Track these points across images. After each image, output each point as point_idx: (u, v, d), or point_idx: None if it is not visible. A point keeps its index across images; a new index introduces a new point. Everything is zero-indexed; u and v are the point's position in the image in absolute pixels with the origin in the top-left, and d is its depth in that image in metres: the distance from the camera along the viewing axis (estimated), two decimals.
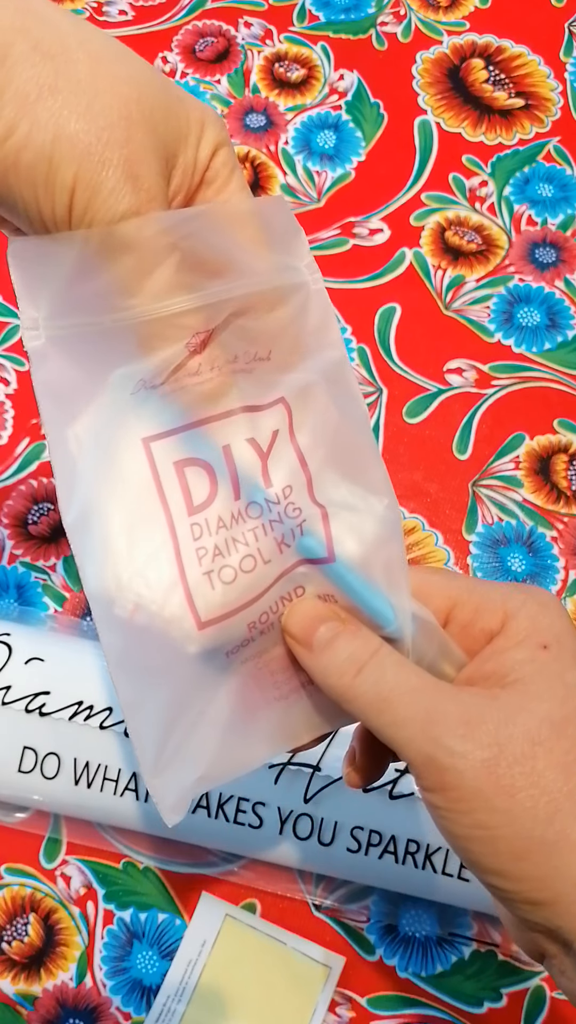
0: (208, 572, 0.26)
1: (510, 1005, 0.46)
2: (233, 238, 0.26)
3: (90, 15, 0.67)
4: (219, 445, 0.26)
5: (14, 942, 0.47)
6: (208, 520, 0.26)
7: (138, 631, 0.26)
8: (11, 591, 0.53)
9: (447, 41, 0.66)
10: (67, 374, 0.25)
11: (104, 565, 0.26)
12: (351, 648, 0.25)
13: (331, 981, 0.46)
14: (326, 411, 0.28)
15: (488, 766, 0.23)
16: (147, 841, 0.48)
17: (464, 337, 0.58)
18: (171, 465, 0.26)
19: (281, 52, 0.66)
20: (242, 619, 0.27)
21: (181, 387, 0.26)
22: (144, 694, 0.26)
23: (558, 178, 0.62)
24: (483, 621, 0.27)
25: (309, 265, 0.28)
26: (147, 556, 0.26)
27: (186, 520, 0.26)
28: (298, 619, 0.27)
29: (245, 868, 0.48)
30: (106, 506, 0.26)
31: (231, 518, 0.26)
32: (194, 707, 0.27)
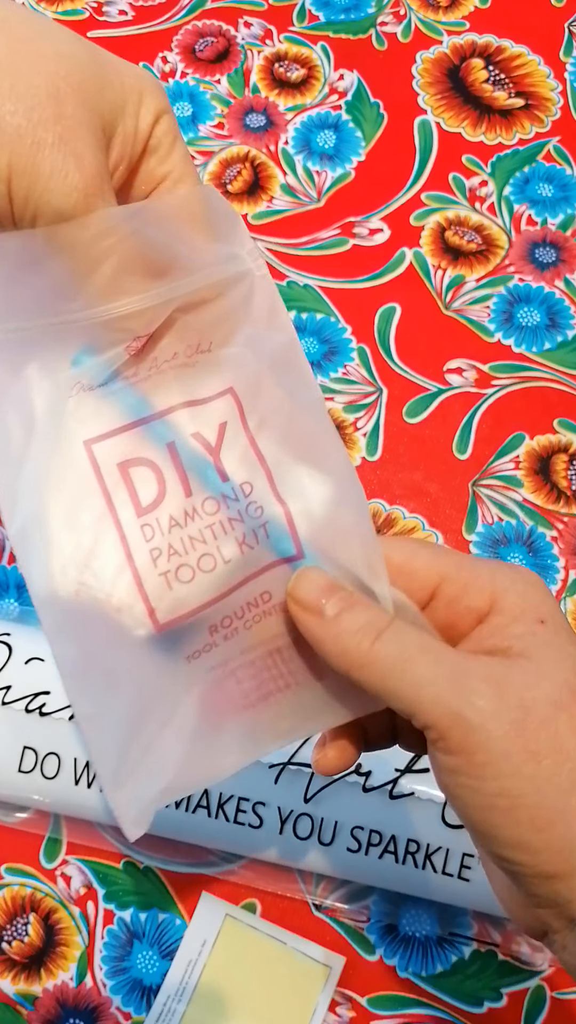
0: (164, 573, 0.25)
1: (510, 1005, 0.46)
2: (175, 233, 0.25)
3: (90, 15, 0.67)
4: (163, 442, 0.25)
5: (14, 942, 0.47)
6: (159, 520, 0.25)
7: (93, 638, 0.25)
8: (11, 591, 0.53)
9: (447, 41, 0.66)
10: (4, 380, 0.25)
11: (51, 569, 0.25)
12: (368, 616, 0.25)
13: (331, 981, 0.46)
14: (278, 397, 0.27)
15: (517, 727, 0.22)
16: (147, 841, 0.48)
17: (464, 337, 0.58)
18: (115, 467, 0.25)
19: (281, 52, 0.66)
20: (203, 620, 0.26)
21: (119, 388, 0.25)
22: (102, 704, 0.25)
23: (558, 178, 0.62)
24: (470, 599, 0.26)
25: (251, 251, 0.27)
26: (97, 559, 0.25)
27: (135, 522, 0.25)
28: (308, 587, 0.26)
29: (245, 868, 0.48)
30: (51, 512, 0.25)
31: (184, 516, 0.25)
32: (156, 716, 0.26)
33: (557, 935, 0.24)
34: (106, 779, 0.25)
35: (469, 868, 0.44)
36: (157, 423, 0.26)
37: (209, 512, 0.26)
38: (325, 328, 0.58)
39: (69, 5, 0.68)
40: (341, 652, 0.25)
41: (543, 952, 0.46)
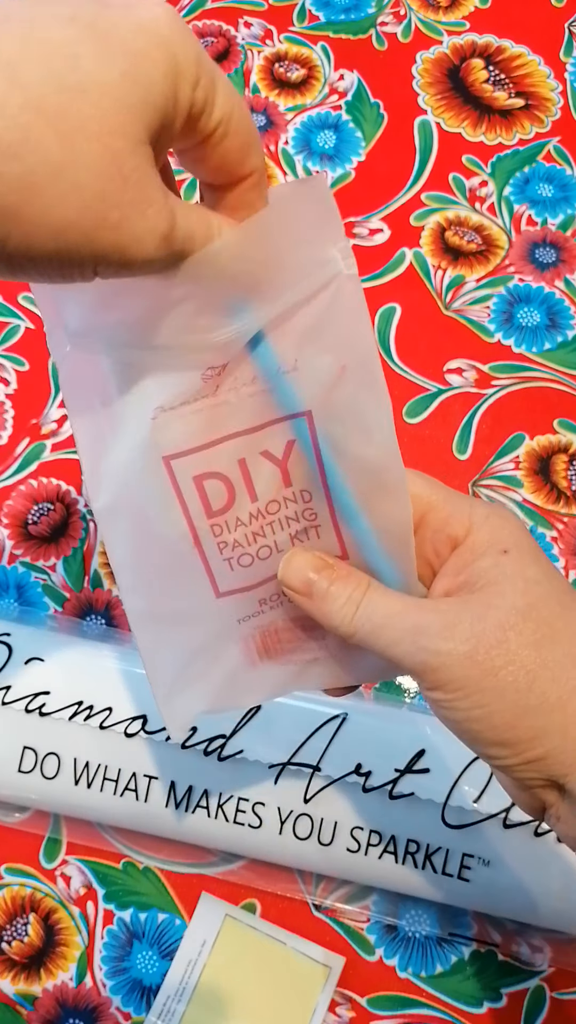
0: (228, 559, 0.30)
1: (510, 1005, 0.46)
2: (253, 258, 0.26)
3: None
4: (235, 459, 0.29)
5: (14, 942, 0.47)
6: (227, 521, 0.30)
7: (160, 595, 0.31)
8: (11, 591, 0.53)
9: (447, 41, 0.66)
10: (89, 377, 0.28)
11: (129, 547, 0.30)
12: (347, 591, 0.29)
13: (331, 981, 0.46)
14: (349, 420, 0.29)
15: (470, 656, 0.27)
16: (147, 841, 0.48)
17: (464, 337, 0.58)
18: (191, 479, 0.29)
19: (281, 52, 0.66)
20: (254, 595, 0.31)
21: (198, 409, 0.28)
22: (159, 642, 0.32)
23: (558, 178, 0.62)
24: (450, 528, 0.30)
25: (344, 249, 0.27)
26: (170, 548, 0.30)
27: (206, 522, 0.30)
28: (294, 573, 0.30)
29: (245, 868, 0.48)
30: (129, 507, 0.29)
31: (249, 517, 0.30)
32: (205, 656, 0.32)
33: (552, 808, 0.29)
34: (159, 696, 0.33)
35: (469, 868, 0.44)
36: (230, 443, 0.29)
37: (271, 512, 0.30)
38: None
39: None
40: (331, 626, 0.30)
41: (543, 952, 0.46)
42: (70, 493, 0.55)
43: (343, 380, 0.28)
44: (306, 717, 0.45)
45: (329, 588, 0.29)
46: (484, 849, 0.43)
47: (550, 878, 0.43)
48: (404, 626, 0.28)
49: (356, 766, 0.44)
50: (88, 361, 0.28)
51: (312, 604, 0.30)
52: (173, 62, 0.22)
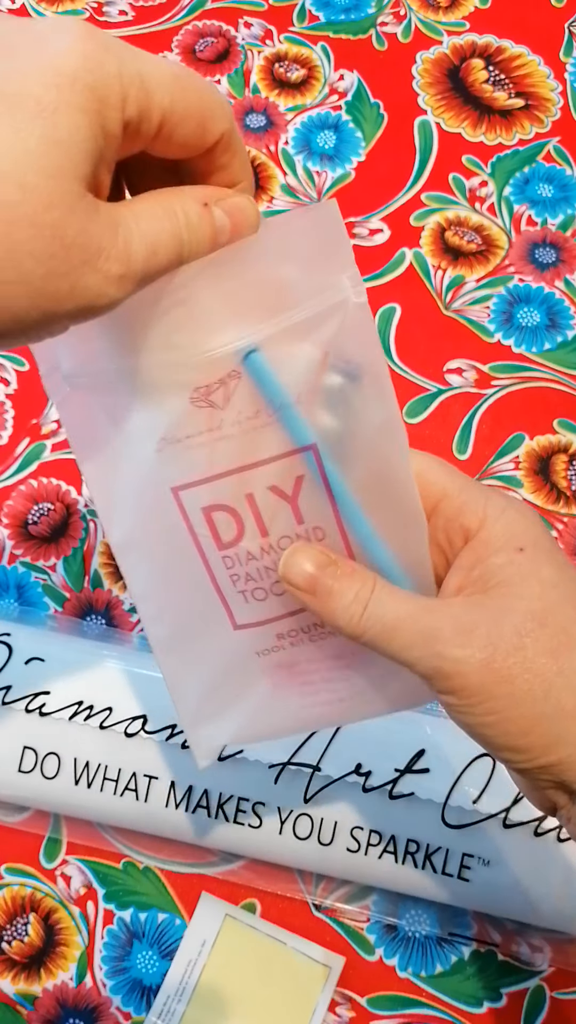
0: (242, 591, 0.30)
1: (510, 1005, 0.46)
2: (265, 269, 0.25)
3: (90, 15, 0.67)
4: (242, 493, 0.28)
5: (14, 942, 0.48)
6: (238, 554, 0.29)
7: (182, 626, 0.31)
8: (11, 591, 0.53)
9: (447, 41, 0.66)
10: (91, 416, 0.28)
11: (146, 578, 0.31)
12: (353, 589, 0.28)
13: (331, 981, 0.46)
14: (359, 448, 0.28)
15: (486, 664, 0.26)
16: (147, 841, 0.48)
17: (464, 337, 0.58)
18: (199, 510, 0.29)
19: (281, 52, 0.66)
20: (271, 629, 0.31)
21: (202, 443, 0.27)
22: (183, 672, 0.32)
23: (558, 178, 0.62)
24: (464, 518, 0.29)
25: (353, 276, 0.26)
26: (184, 577, 0.30)
27: (217, 553, 0.29)
28: (296, 569, 0.29)
29: (245, 868, 0.48)
30: (143, 539, 0.30)
31: (260, 551, 0.29)
32: (228, 689, 0.32)
33: (563, 809, 0.29)
34: (185, 723, 0.33)
35: (469, 868, 0.44)
36: (235, 477, 0.28)
37: (283, 548, 0.29)
38: None
39: (69, 5, 0.68)
40: (336, 626, 0.29)
41: (543, 952, 0.46)
42: (70, 493, 0.55)
43: (353, 414, 0.28)
44: None
45: (334, 585, 0.28)
46: (484, 849, 0.43)
47: (550, 878, 0.43)
48: (417, 629, 0.27)
49: (356, 766, 0.44)
50: (87, 400, 0.28)
51: (316, 602, 0.29)
52: (93, 96, 0.21)
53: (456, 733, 0.46)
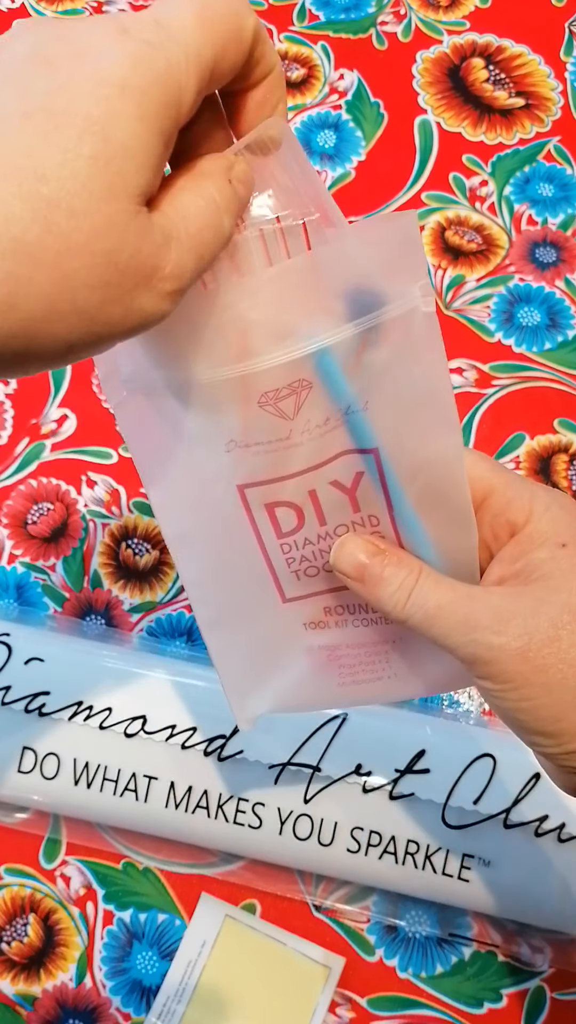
0: (295, 571, 0.32)
1: (510, 1006, 0.46)
2: (338, 277, 0.25)
3: (89, 15, 0.67)
4: (305, 490, 0.30)
5: (14, 943, 0.47)
6: (296, 541, 0.31)
7: (228, 605, 0.33)
8: (11, 591, 0.53)
9: (447, 41, 0.66)
10: (149, 419, 0.29)
11: (200, 566, 0.32)
12: (399, 577, 0.29)
13: (331, 982, 0.46)
14: (417, 454, 0.29)
15: (522, 652, 0.27)
16: (147, 841, 0.48)
17: (464, 337, 0.58)
18: (262, 507, 0.30)
19: (281, 51, 0.66)
20: (320, 601, 0.33)
21: (273, 449, 0.28)
22: (228, 647, 0.34)
23: (558, 178, 0.62)
24: (511, 513, 0.30)
25: (424, 287, 0.26)
26: (241, 561, 0.31)
27: (276, 541, 0.31)
28: (347, 557, 0.30)
29: (245, 868, 0.48)
30: (200, 530, 0.31)
31: (317, 538, 0.31)
32: (271, 661, 0.34)
33: None
34: (229, 694, 0.35)
35: (469, 869, 0.44)
36: (301, 478, 0.29)
37: (339, 534, 0.31)
38: None
39: (69, 5, 0.68)
40: (384, 611, 0.30)
41: (543, 953, 0.46)
42: (70, 493, 0.55)
43: (416, 419, 0.28)
44: (306, 717, 0.45)
45: (382, 573, 0.30)
46: (484, 850, 0.43)
47: (550, 879, 0.43)
48: (456, 617, 0.28)
49: (356, 766, 0.44)
50: (146, 404, 0.28)
51: (364, 589, 0.30)
52: (147, 100, 0.20)
53: (456, 734, 0.46)
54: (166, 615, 0.52)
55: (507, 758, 0.44)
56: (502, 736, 0.46)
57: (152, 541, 0.54)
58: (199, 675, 0.47)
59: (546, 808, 0.43)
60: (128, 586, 0.53)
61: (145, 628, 0.52)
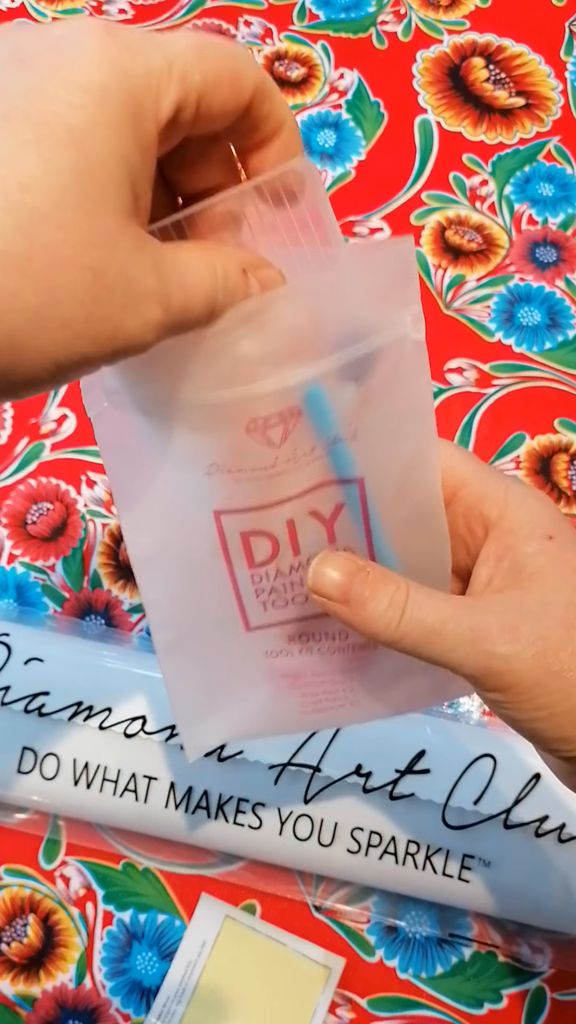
0: (263, 601, 0.30)
1: (510, 1006, 0.46)
2: (330, 304, 0.25)
3: (90, 13, 0.67)
4: (284, 519, 0.29)
5: (13, 943, 0.47)
6: (268, 572, 0.30)
7: (189, 630, 0.32)
8: (10, 591, 0.53)
9: (447, 40, 0.66)
10: (127, 433, 0.27)
11: (163, 588, 0.31)
12: (388, 594, 0.27)
13: (331, 982, 0.46)
14: (398, 486, 0.29)
15: (538, 659, 0.26)
16: (147, 842, 0.48)
17: (464, 336, 0.58)
18: (238, 534, 0.29)
19: (281, 51, 0.66)
20: (283, 631, 0.31)
21: (255, 478, 0.27)
22: (184, 674, 0.33)
23: (559, 177, 0.62)
24: (484, 507, 0.29)
25: (415, 314, 0.26)
26: (207, 588, 0.30)
27: (246, 571, 0.30)
28: (328, 579, 0.28)
29: (245, 869, 0.48)
30: (168, 551, 0.30)
31: (290, 569, 0.30)
32: (228, 690, 0.33)
33: None
34: (180, 721, 0.34)
35: (469, 869, 0.43)
36: (280, 507, 0.28)
37: (306, 569, 0.29)
38: None
39: (69, 4, 0.68)
40: (372, 634, 0.27)
41: (543, 954, 0.46)
42: (69, 493, 0.55)
43: (399, 450, 0.28)
44: None
45: (367, 591, 0.27)
46: (484, 850, 0.43)
47: (550, 879, 0.43)
48: (462, 630, 0.27)
49: (356, 767, 0.44)
50: (126, 417, 0.27)
51: (349, 611, 0.28)
52: (124, 110, 0.20)
53: (457, 734, 0.46)
54: None
55: (507, 758, 0.44)
56: (502, 736, 0.46)
57: None
58: None
59: (546, 808, 0.43)
60: (128, 586, 0.53)
61: (145, 628, 0.52)
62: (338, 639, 0.32)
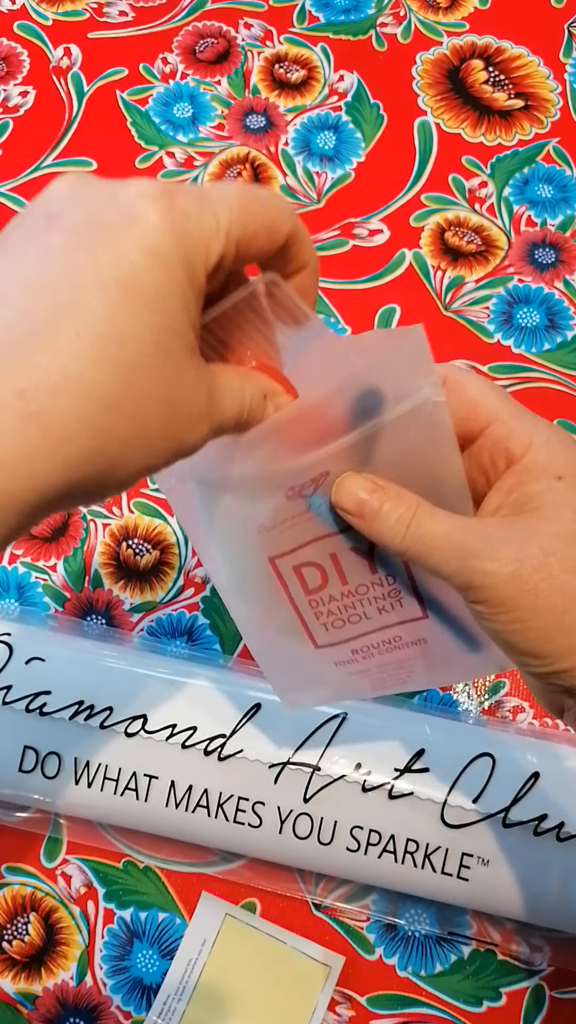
0: (324, 623, 0.36)
1: (509, 1004, 0.46)
2: (355, 387, 0.29)
3: (91, 16, 0.67)
4: (327, 553, 0.33)
5: (15, 941, 0.48)
6: (322, 598, 0.35)
7: (270, 644, 0.39)
8: (11, 591, 0.53)
9: (447, 42, 0.66)
10: (192, 502, 0.34)
11: (245, 610, 0.38)
12: (397, 511, 0.31)
13: (331, 980, 0.46)
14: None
15: (513, 578, 0.29)
16: (147, 840, 0.48)
17: (464, 338, 0.58)
18: (291, 569, 0.34)
19: (281, 53, 0.66)
20: (347, 647, 0.37)
21: (295, 524, 0.33)
22: (273, 668, 0.40)
23: (557, 179, 0.62)
24: (511, 442, 0.31)
25: (434, 383, 0.29)
26: (277, 615, 0.36)
27: (304, 597, 0.35)
28: (347, 495, 0.31)
29: (245, 867, 0.48)
30: (242, 586, 0.36)
31: (341, 595, 0.35)
32: (312, 680, 0.40)
33: (569, 711, 0.32)
34: (276, 691, 0.41)
35: (468, 868, 0.44)
36: (321, 543, 0.33)
37: (360, 592, 0.34)
38: None
39: (70, 6, 0.68)
40: (383, 544, 0.31)
41: (542, 952, 0.46)
42: None
43: (426, 486, 0.31)
44: (306, 717, 0.45)
45: (381, 508, 0.31)
46: (483, 848, 0.44)
47: (549, 877, 0.43)
48: (452, 546, 0.30)
49: (356, 765, 0.44)
50: (191, 491, 0.33)
51: (364, 524, 0.31)
52: (185, 267, 0.24)
53: (456, 733, 0.46)
54: (166, 615, 0.52)
55: (506, 757, 0.44)
56: (501, 735, 0.46)
57: (152, 541, 0.54)
58: (199, 675, 0.47)
59: (545, 807, 0.43)
60: (129, 586, 0.53)
61: (145, 628, 0.52)
62: (393, 643, 0.36)
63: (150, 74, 0.66)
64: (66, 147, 0.63)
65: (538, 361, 0.58)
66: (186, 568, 0.53)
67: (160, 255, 0.24)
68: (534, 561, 0.29)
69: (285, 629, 0.37)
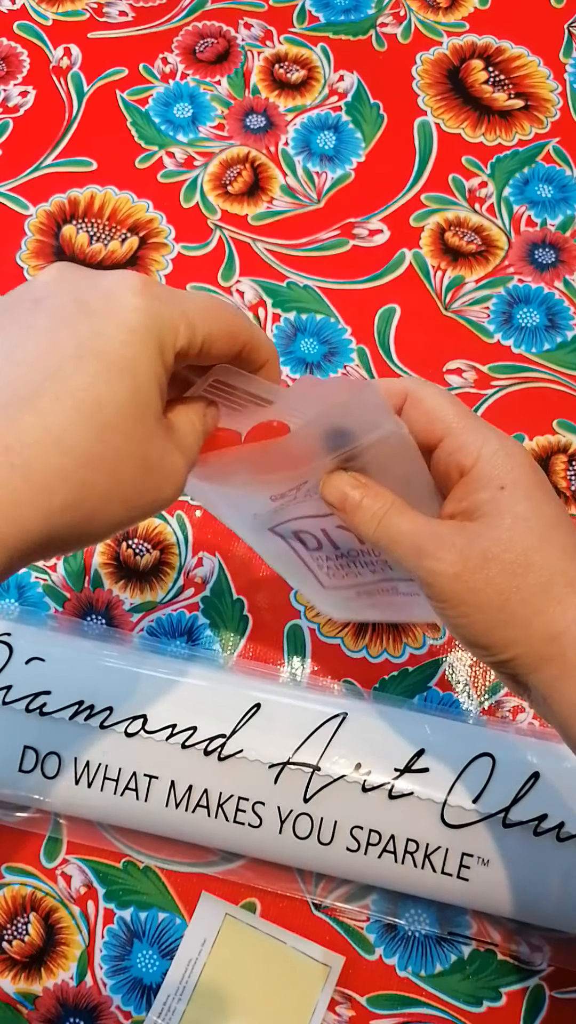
0: (327, 573, 0.43)
1: (509, 1004, 0.46)
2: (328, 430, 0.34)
3: (91, 16, 0.67)
4: (318, 528, 0.39)
5: (14, 941, 0.48)
6: (321, 556, 0.42)
7: (298, 575, 0.45)
8: (11, 591, 0.53)
9: (447, 42, 0.66)
10: (210, 494, 0.41)
11: (269, 559, 0.47)
12: (373, 507, 0.35)
13: (331, 980, 0.46)
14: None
15: (456, 576, 0.33)
16: (147, 840, 0.48)
17: (464, 338, 0.58)
18: (292, 534, 0.41)
19: (281, 53, 0.66)
20: (350, 589, 0.43)
21: (281, 506, 0.39)
22: (299, 587, 0.48)
23: (558, 179, 0.62)
24: (461, 454, 0.34)
25: (397, 422, 0.33)
26: (292, 564, 0.44)
27: (308, 554, 0.42)
28: (332, 491, 0.36)
29: (245, 867, 0.48)
30: (258, 545, 0.46)
31: (337, 556, 0.41)
32: (330, 600, 0.46)
33: (525, 695, 0.35)
34: (314, 601, 0.48)
35: (468, 868, 0.44)
36: (309, 520, 0.39)
37: (352, 555, 0.40)
38: (325, 329, 0.58)
39: (70, 6, 0.68)
40: (360, 535, 0.35)
41: (542, 952, 0.46)
42: None
43: (397, 484, 0.35)
44: (306, 717, 0.45)
45: (361, 502, 0.35)
46: (483, 848, 0.44)
47: (549, 877, 0.43)
48: (411, 544, 0.34)
49: (356, 765, 0.44)
50: (207, 486, 0.39)
51: (345, 515, 0.35)
52: (156, 343, 0.28)
53: (456, 733, 0.46)
54: (166, 615, 0.52)
55: (506, 757, 0.44)
56: (501, 735, 0.46)
57: (152, 541, 0.54)
58: (199, 675, 0.47)
59: (545, 807, 0.43)
60: (129, 586, 0.53)
61: (145, 628, 0.52)
62: (391, 591, 0.41)
63: (150, 74, 0.66)
64: (66, 147, 0.63)
65: (538, 361, 0.58)
66: (186, 568, 0.53)
67: (136, 331, 0.27)
68: (475, 562, 0.32)
69: (297, 572, 0.44)
